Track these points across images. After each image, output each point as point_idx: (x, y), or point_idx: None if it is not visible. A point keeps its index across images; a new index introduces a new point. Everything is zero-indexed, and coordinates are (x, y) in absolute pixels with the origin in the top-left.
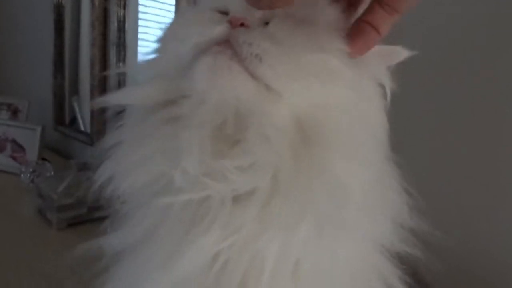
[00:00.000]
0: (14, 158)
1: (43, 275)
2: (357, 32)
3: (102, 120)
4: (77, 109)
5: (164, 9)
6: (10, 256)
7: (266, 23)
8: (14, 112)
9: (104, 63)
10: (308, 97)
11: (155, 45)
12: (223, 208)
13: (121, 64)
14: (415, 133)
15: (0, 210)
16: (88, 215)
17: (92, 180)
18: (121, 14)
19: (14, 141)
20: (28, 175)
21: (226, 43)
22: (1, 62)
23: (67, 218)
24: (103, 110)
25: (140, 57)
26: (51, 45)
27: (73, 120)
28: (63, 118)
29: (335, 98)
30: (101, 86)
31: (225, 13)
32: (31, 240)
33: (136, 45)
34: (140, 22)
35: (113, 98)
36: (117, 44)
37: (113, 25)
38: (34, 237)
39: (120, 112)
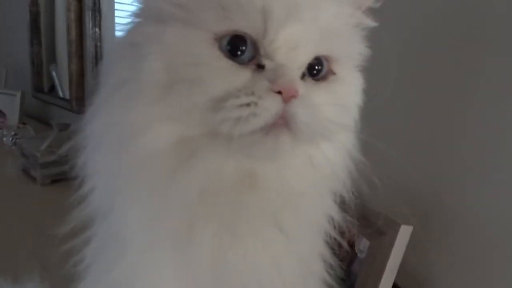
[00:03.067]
0: None
1: (30, 224)
2: None
3: (82, 86)
4: (55, 77)
5: None
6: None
7: (303, 74)
8: None
9: (80, 29)
10: None
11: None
12: None
13: (96, 29)
14: None
15: None
16: (71, 172)
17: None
18: None
19: None
20: (10, 138)
21: (281, 120)
22: None
23: (51, 175)
24: (81, 76)
25: (116, 22)
26: (26, 11)
27: (52, 87)
28: (41, 85)
29: None
30: (78, 52)
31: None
32: (18, 196)
33: (112, 10)
34: None
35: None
36: (92, 9)
37: None
38: (21, 193)
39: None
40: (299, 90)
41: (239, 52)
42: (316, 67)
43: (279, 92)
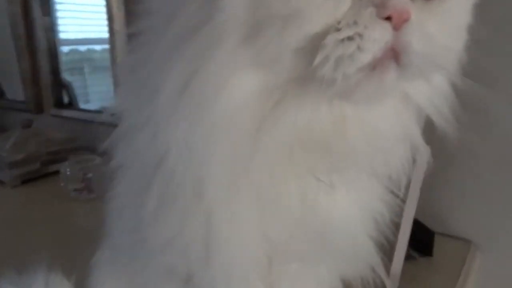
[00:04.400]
0: None
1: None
2: None
3: (38, 84)
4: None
5: None
6: None
7: None
8: None
9: (27, 20)
10: None
11: None
12: None
13: (47, 17)
14: None
15: None
16: (42, 170)
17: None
18: None
19: None
20: None
21: (390, 53)
22: None
23: (20, 175)
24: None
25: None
26: None
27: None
28: None
29: None
30: (30, 47)
31: None
32: None
33: None
34: None
35: None
36: None
37: None
38: None
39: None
40: (411, 12)
41: None
42: None
43: (387, 18)
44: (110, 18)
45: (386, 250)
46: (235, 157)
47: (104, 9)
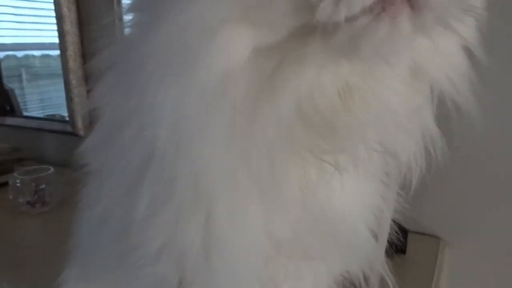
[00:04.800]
0: None
1: None
2: None
3: None
4: None
5: None
6: None
7: None
8: None
9: None
10: None
11: None
12: None
13: None
14: None
15: None
16: None
17: None
18: None
19: None
20: None
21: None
22: None
23: None
24: None
25: None
26: None
27: None
28: None
29: None
30: None
31: None
32: None
33: None
34: None
35: None
36: None
37: None
38: None
39: None
40: None
41: None
42: None
43: None
44: (60, 19)
45: None
46: (232, 135)
47: (42, 13)
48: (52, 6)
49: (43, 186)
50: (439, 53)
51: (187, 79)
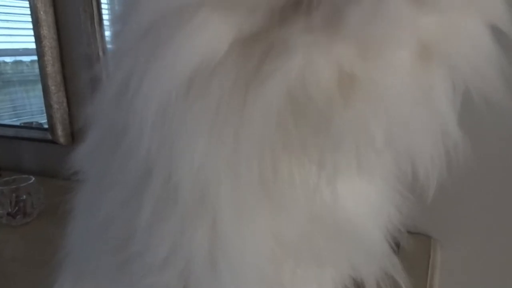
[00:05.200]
0: None
1: None
2: None
3: None
4: None
5: None
6: None
7: None
8: None
9: None
10: None
11: None
12: None
13: None
14: None
15: None
16: None
17: None
18: None
19: None
20: None
21: None
22: None
23: None
24: None
25: None
26: None
27: None
28: None
29: None
30: None
31: None
32: None
33: None
34: None
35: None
36: None
37: None
38: None
39: None
40: None
41: None
42: None
43: None
44: (37, 23)
45: None
46: (220, 131)
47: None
48: (25, 11)
49: (24, 196)
50: (457, 34)
51: (163, 70)
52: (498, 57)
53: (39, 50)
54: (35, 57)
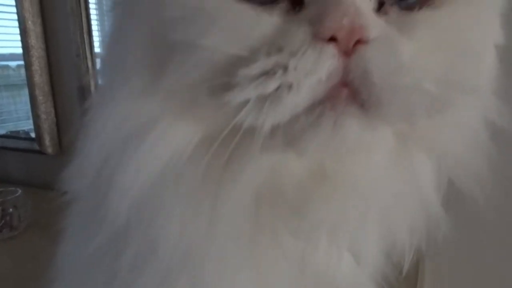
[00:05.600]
0: None
1: None
2: None
3: None
4: None
5: None
6: None
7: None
8: None
9: None
10: None
11: None
12: None
13: None
14: None
15: None
16: None
17: None
18: None
19: None
20: None
21: (344, 89)
22: None
23: None
24: None
25: None
26: None
27: None
28: None
29: None
30: None
31: None
32: None
33: None
34: None
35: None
36: None
37: None
38: None
39: None
40: (370, 28)
41: None
42: None
43: (333, 39)
44: (24, 33)
45: None
46: (196, 212)
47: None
48: (12, 16)
49: (11, 210)
50: (443, 125)
51: (133, 168)
52: (484, 149)
53: (27, 60)
54: (21, 62)
